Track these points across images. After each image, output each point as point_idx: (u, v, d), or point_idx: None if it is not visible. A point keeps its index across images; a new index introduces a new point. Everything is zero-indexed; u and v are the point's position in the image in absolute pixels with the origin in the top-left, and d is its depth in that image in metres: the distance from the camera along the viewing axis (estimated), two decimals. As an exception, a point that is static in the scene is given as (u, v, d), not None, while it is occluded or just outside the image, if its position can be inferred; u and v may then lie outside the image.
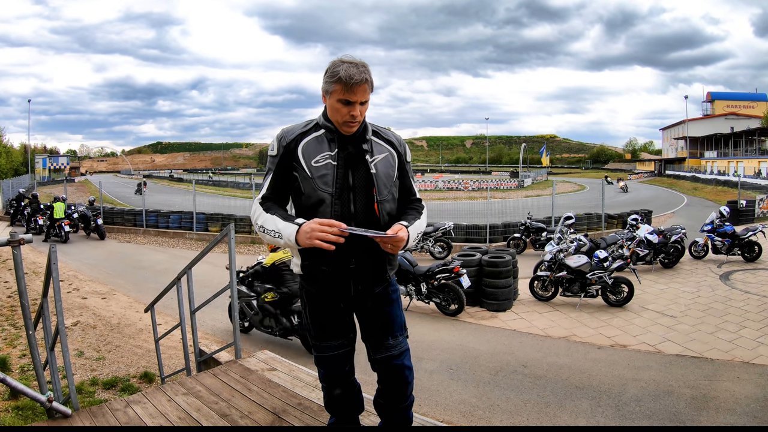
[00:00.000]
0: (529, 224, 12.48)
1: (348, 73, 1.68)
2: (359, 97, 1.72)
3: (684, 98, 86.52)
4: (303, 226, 1.68)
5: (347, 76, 1.68)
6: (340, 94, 1.71)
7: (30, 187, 27.09)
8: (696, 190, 33.16)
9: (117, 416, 2.53)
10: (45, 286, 2.76)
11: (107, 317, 7.27)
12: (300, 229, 1.68)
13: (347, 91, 1.70)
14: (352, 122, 1.76)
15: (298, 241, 1.68)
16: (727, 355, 5.66)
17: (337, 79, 1.69)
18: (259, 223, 1.79)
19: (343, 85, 1.69)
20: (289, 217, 1.77)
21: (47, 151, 71.47)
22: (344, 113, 1.73)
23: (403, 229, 1.74)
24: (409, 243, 1.79)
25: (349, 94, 1.70)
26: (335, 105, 1.74)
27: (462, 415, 4.51)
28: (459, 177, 51.93)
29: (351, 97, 1.71)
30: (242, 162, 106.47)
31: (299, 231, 1.68)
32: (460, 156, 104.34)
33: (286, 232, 1.71)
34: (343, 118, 1.75)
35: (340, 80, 1.69)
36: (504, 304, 7.69)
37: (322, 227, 1.65)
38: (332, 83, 1.71)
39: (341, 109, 1.73)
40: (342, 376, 2.02)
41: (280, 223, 1.73)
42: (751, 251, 10.38)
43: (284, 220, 1.74)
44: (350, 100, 1.71)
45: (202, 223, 15.82)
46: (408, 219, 1.85)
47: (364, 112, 1.79)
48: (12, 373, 4.73)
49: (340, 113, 1.74)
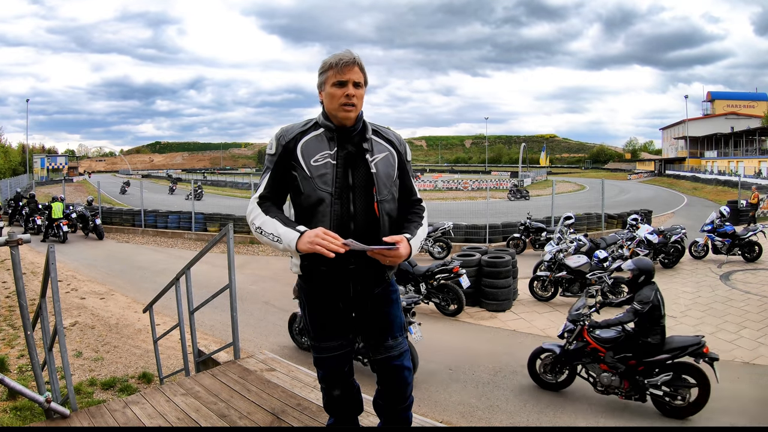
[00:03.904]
0: (528, 224, 12.47)
1: (337, 57, 1.75)
2: (351, 76, 1.74)
3: (684, 98, 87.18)
4: (305, 234, 1.66)
5: (337, 59, 1.74)
6: (333, 77, 1.74)
7: (28, 187, 27.08)
8: (696, 189, 33.20)
9: (115, 417, 2.52)
10: (43, 286, 2.74)
11: (106, 317, 7.26)
12: (302, 236, 1.66)
13: (338, 73, 1.73)
14: (348, 105, 1.75)
15: (298, 248, 1.66)
16: (728, 355, 5.65)
17: (328, 65, 1.75)
18: (257, 224, 1.77)
19: (334, 68, 1.74)
20: (290, 222, 1.74)
21: (45, 150, 71.31)
22: (339, 95, 1.74)
23: (404, 241, 1.73)
24: (411, 255, 1.78)
25: (341, 75, 1.73)
26: (330, 91, 1.75)
27: (461, 416, 4.50)
28: (458, 177, 51.92)
29: (343, 77, 1.73)
30: (241, 162, 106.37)
31: (300, 238, 1.66)
32: (460, 156, 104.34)
33: (287, 238, 1.68)
34: (339, 101, 1.75)
35: (330, 65, 1.75)
36: (503, 304, 7.68)
37: (326, 236, 1.63)
38: (324, 72, 1.77)
39: (336, 93, 1.74)
40: (341, 376, 2.00)
41: (281, 228, 1.71)
42: (751, 251, 10.39)
43: (285, 226, 1.71)
44: (342, 80, 1.73)
45: (201, 223, 15.80)
46: (411, 229, 1.84)
47: (361, 97, 1.78)
48: (10, 373, 4.72)
49: (335, 97, 1.75)
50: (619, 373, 4.57)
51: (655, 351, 4.44)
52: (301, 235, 1.66)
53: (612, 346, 4.63)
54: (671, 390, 4.40)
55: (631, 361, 4.53)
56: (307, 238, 1.64)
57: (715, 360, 4.33)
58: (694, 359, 4.39)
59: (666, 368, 4.43)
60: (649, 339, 4.45)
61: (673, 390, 4.40)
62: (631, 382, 4.52)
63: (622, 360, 4.55)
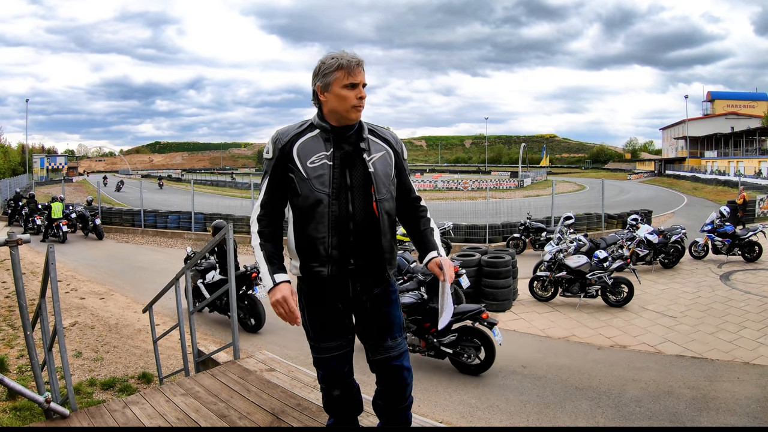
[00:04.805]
0: (528, 224, 12.47)
1: (346, 58, 1.72)
2: (362, 78, 1.75)
3: (684, 98, 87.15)
4: (276, 288, 1.76)
5: (347, 60, 1.72)
6: (344, 79, 1.73)
7: (28, 187, 27.03)
8: (696, 189, 33.20)
9: (115, 417, 2.52)
10: (43, 287, 2.74)
11: (105, 317, 7.25)
12: (273, 289, 1.77)
13: (350, 74, 1.72)
14: (360, 105, 1.76)
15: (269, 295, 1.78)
16: (728, 355, 5.65)
17: (338, 66, 1.72)
18: (253, 244, 1.86)
19: (344, 70, 1.72)
20: (274, 260, 1.81)
21: (45, 150, 71.19)
22: (352, 97, 1.74)
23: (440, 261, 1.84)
24: None
25: (353, 77, 1.73)
26: (341, 93, 1.74)
27: (461, 416, 4.49)
28: (458, 177, 51.92)
29: (355, 79, 1.73)
30: (241, 162, 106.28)
31: (272, 290, 1.77)
32: (460, 156, 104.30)
33: (265, 280, 1.79)
34: (352, 103, 1.74)
35: (341, 66, 1.72)
36: (503, 304, 7.68)
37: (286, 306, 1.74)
38: (332, 72, 1.73)
39: (348, 95, 1.74)
40: (341, 377, 1.99)
41: (264, 265, 1.80)
42: (751, 251, 10.39)
43: (269, 264, 1.80)
44: (355, 82, 1.73)
45: (201, 223, 15.80)
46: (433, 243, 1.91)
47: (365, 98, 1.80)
48: (10, 373, 4.71)
49: (348, 99, 1.74)
50: (413, 332, 5.49)
51: None
52: (274, 287, 1.76)
53: (408, 311, 5.50)
54: (459, 349, 5.32)
55: (425, 324, 5.43)
56: (273, 295, 1.76)
57: (494, 324, 5.26)
58: (474, 323, 5.31)
59: (452, 331, 5.32)
60: (434, 305, 5.26)
61: (461, 350, 5.32)
62: (427, 342, 5.42)
63: (414, 321, 5.48)
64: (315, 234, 1.77)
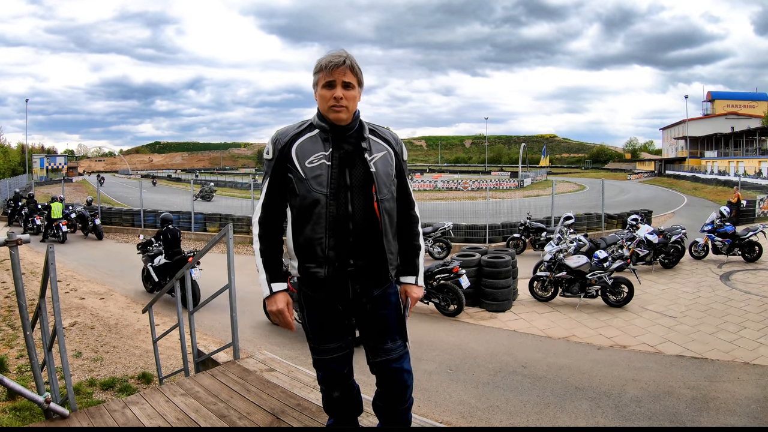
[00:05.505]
0: (528, 224, 12.47)
1: (327, 59, 1.75)
2: (339, 77, 1.74)
3: (684, 98, 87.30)
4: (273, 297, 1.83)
5: (326, 61, 1.75)
6: (323, 79, 1.76)
7: (27, 187, 27.05)
8: (696, 190, 33.20)
9: (115, 417, 2.52)
10: (42, 287, 2.74)
11: (105, 317, 7.25)
12: (270, 298, 1.84)
13: (328, 74, 1.74)
14: (337, 106, 1.75)
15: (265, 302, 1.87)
16: (728, 355, 5.65)
17: (319, 66, 1.77)
18: (254, 248, 1.89)
19: (324, 70, 1.75)
20: (272, 266, 1.84)
21: (45, 150, 71.14)
22: (327, 97, 1.75)
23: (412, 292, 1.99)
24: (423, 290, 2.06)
25: (329, 76, 1.74)
26: (320, 93, 1.77)
27: (461, 416, 4.49)
28: (458, 177, 51.90)
29: (330, 78, 1.74)
30: (240, 162, 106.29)
31: (269, 298, 1.84)
32: (460, 156, 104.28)
33: (263, 286, 1.85)
34: (328, 103, 1.76)
35: (321, 67, 1.76)
36: (503, 304, 7.67)
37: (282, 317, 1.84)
38: (317, 73, 1.78)
39: (325, 94, 1.76)
40: (341, 378, 1.98)
41: (262, 273, 1.84)
42: (751, 251, 10.38)
43: (267, 272, 1.84)
44: (330, 80, 1.74)
45: (201, 223, 15.81)
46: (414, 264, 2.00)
47: (352, 98, 1.77)
48: (9, 373, 4.71)
49: (325, 98, 1.76)
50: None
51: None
52: (271, 295, 1.83)
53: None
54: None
55: None
56: (270, 305, 1.84)
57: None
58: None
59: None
60: None
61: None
62: None
63: None
64: (312, 235, 1.76)
